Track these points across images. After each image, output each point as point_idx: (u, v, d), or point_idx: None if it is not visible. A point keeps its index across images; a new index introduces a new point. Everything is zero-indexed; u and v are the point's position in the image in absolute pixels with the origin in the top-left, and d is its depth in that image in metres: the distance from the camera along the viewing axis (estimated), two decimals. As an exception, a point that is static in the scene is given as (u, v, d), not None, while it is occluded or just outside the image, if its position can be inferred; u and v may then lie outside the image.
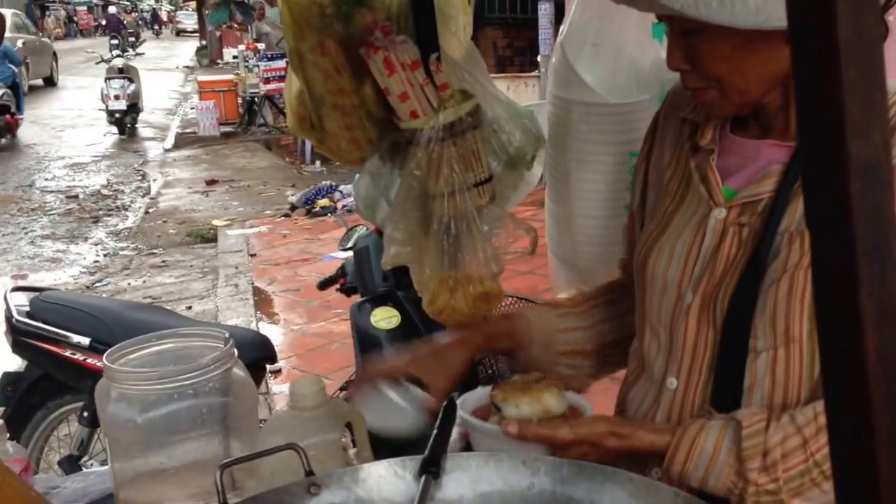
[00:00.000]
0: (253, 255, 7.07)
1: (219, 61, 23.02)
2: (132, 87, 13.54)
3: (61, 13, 42.37)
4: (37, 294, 3.21)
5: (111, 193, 10.16)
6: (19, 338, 3.07)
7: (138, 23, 43.11)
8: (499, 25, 10.60)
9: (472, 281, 1.86)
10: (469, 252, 1.80)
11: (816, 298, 0.47)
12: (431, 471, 0.95)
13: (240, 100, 13.78)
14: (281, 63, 11.81)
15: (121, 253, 7.66)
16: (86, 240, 8.15)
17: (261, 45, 15.26)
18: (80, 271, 7.15)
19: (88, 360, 2.92)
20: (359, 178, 2.08)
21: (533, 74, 9.09)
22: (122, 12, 41.62)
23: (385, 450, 1.16)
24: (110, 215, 9.15)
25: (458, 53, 1.92)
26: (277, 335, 5.13)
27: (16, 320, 3.05)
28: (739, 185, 1.16)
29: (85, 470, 2.16)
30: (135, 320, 3.00)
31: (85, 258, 7.55)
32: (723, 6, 0.98)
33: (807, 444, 1.03)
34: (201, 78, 16.01)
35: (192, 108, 15.60)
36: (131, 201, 9.83)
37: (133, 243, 7.94)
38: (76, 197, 9.87)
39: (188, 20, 43.94)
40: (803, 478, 1.03)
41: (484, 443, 1.15)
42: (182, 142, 13.44)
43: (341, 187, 8.44)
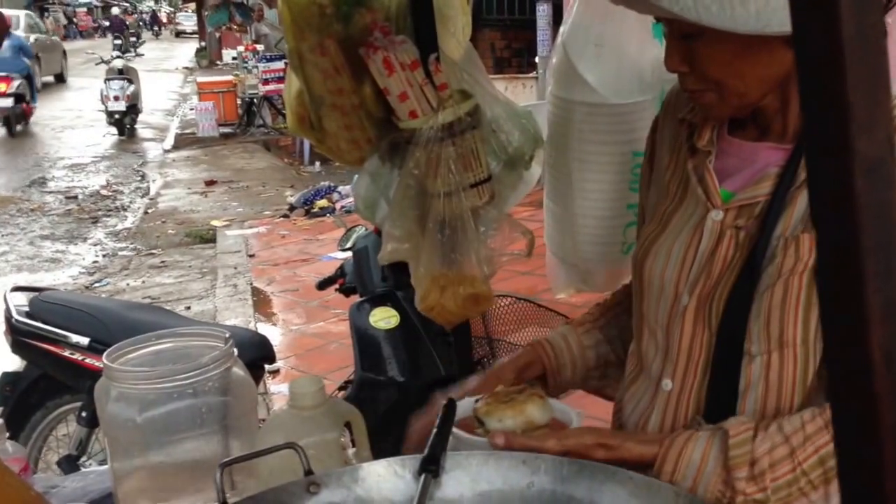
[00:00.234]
0: (252, 256, 7.07)
1: (218, 62, 23.07)
2: (132, 88, 13.56)
3: (60, 15, 42.37)
4: (36, 294, 3.21)
5: (110, 194, 10.17)
6: (18, 338, 3.06)
7: (139, 24, 43.39)
8: (497, 27, 10.62)
9: (464, 282, 1.86)
10: (463, 253, 1.80)
11: (821, 295, 0.47)
12: (431, 469, 0.95)
13: (239, 101, 13.80)
14: (280, 64, 11.83)
15: (120, 253, 7.66)
16: (85, 240, 8.15)
17: (260, 47, 15.30)
18: (80, 272, 7.15)
19: (87, 360, 2.91)
20: (358, 178, 2.08)
21: (531, 76, 9.11)
22: (122, 13, 41.76)
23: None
24: (109, 216, 9.15)
25: (457, 54, 1.92)
26: (276, 335, 5.12)
27: (15, 320, 3.05)
28: (736, 187, 1.16)
29: (84, 469, 2.15)
30: (134, 320, 3.00)
31: (84, 258, 7.55)
32: (722, 10, 0.97)
33: (794, 454, 1.02)
34: (200, 79, 16.02)
35: (191, 109, 15.62)
36: (130, 202, 9.83)
37: (132, 244, 7.94)
38: (75, 197, 9.87)
39: (187, 21, 44.07)
40: (791, 487, 1.02)
41: None
42: (181, 142, 13.45)
43: (340, 188, 8.44)
